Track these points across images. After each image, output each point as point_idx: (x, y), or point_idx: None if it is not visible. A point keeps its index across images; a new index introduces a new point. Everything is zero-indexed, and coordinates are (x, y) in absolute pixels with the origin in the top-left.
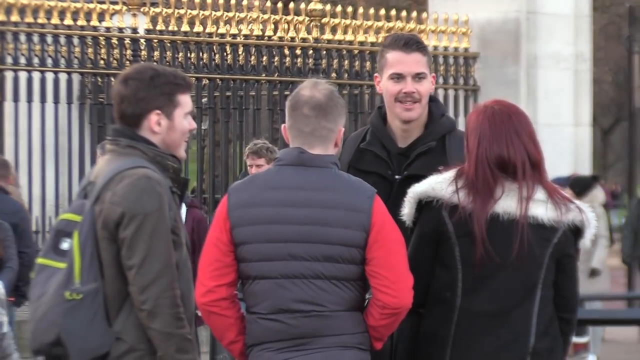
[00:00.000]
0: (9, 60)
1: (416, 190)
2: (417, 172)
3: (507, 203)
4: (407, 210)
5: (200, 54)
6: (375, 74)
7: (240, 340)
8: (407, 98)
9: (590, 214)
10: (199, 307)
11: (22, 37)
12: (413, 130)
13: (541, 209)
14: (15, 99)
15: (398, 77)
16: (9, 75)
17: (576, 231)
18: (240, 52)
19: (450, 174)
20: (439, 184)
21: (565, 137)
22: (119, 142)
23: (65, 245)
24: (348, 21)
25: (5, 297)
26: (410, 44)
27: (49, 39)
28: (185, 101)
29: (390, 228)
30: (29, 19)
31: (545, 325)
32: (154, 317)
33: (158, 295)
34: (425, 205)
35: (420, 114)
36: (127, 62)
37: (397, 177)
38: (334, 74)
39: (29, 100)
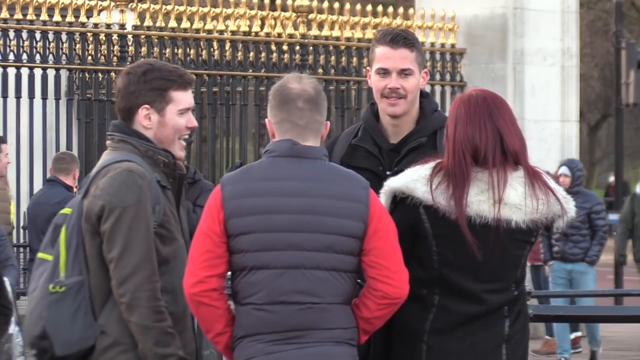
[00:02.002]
0: None
1: (391, 185)
2: (407, 167)
3: (479, 206)
4: (382, 202)
5: (188, 49)
6: (367, 68)
7: (228, 332)
8: (392, 94)
9: (570, 203)
10: (188, 297)
11: (11, 34)
12: (404, 126)
13: (517, 214)
14: (4, 95)
15: (384, 72)
16: None
17: (551, 222)
18: (227, 48)
19: (426, 171)
20: (414, 182)
21: (552, 133)
22: (114, 136)
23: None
24: (335, 17)
25: (13, 295)
26: (398, 39)
27: (38, 35)
28: (180, 98)
29: (387, 219)
30: (18, 15)
31: (517, 311)
32: (132, 310)
33: (136, 288)
34: (400, 201)
35: (406, 109)
36: (115, 58)
37: (388, 172)
38: (320, 70)
39: (18, 96)
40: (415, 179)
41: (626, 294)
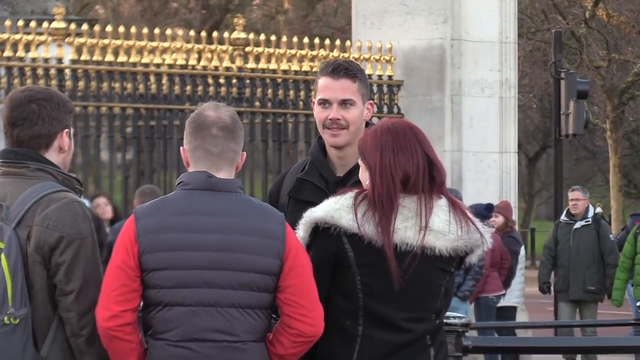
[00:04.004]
0: None
1: (313, 215)
2: None
3: (405, 233)
4: (301, 233)
5: (125, 83)
6: (312, 100)
7: None
8: (333, 124)
9: (487, 236)
10: (101, 330)
11: None
12: (349, 158)
13: (441, 241)
14: None
15: (325, 102)
16: None
17: (468, 253)
18: (164, 82)
19: (348, 200)
20: (337, 212)
21: (490, 165)
22: (27, 165)
23: None
24: (272, 50)
25: None
26: (339, 69)
27: None
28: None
29: (303, 254)
30: None
31: (440, 340)
32: (92, 344)
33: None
34: (322, 232)
35: (348, 140)
36: None
37: None
38: (257, 103)
39: None
40: (338, 208)
41: (566, 325)
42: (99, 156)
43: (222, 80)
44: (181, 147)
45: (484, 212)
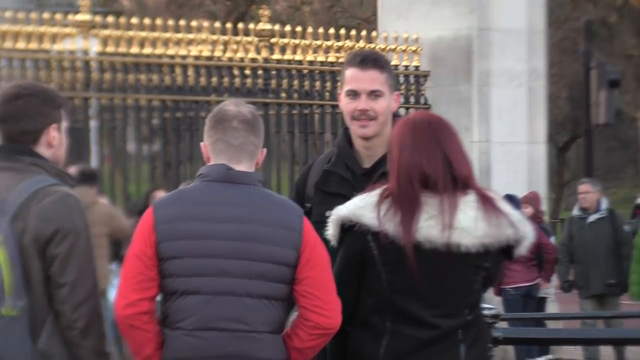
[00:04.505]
0: None
1: (339, 213)
2: None
3: (428, 231)
4: (331, 231)
5: (150, 75)
6: (339, 91)
7: (157, 356)
8: (362, 115)
9: (526, 226)
10: (118, 319)
11: None
12: (376, 149)
13: (466, 238)
14: None
15: (353, 94)
16: None
17: (508, 246)
18: (190, 73)
19: (373, 197)
20: (360, 210)
21: (519, 155)
22: (20, 159)
23: None
24: (297, 41)
25: None
26: (367, 61)
27: (3, 62)
28: (65, 115)
29: (321, 247)
30: None
31: (473, 335)
32: (86, 336)
33: (91, 313)
34: (348, 229)
35: (377, 131)
36: (78, 84)
37: None
38: (283, 94)
39: None
40: (362, 206)
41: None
42: (125, 148)
43: (247, 72)
44: (201, 143)
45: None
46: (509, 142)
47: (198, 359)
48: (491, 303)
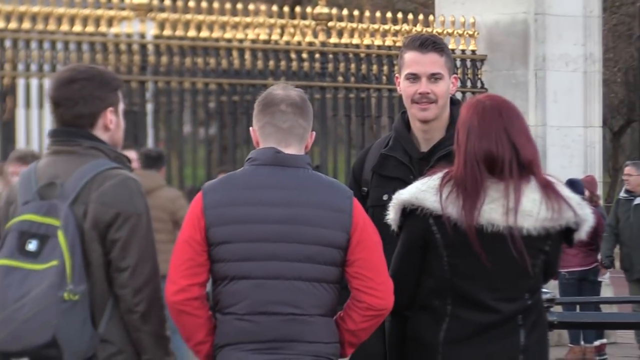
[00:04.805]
0: (21, 67)
1: (400, 197)
2: None
3: (490, 214)
4: (392, 215)
5: (207, 58)
6: (396, 75)
7: (209, 342)
8: (423, 99)
9: (586, 209)
10: (169, 305)
11: (33, 44)
12: (434, 133)
13: (528, 220)
14: (27, 105)
15: (413, 77)
16: (20, 82)
17: (568, 231)
18: (246, 57)
19: (435, 181)
20: (422, 193)
21: (575, 139)
22: (79, 143)
23: (31, 246)
24: (354, 24)
25: None
26: (427, 44)
27: (59, 45)
28: (121, 99)
29: (372, 229)
30: (40, 26)
31: (533, 321)
32: (147, 320)
33: (151, 297)
34: (410, 213)
35: (437, 114)
36: (135, 68)
37: None
38: (340, 78)
39: (40, 106)
40: (424, 190)
41: None
42: (181, 131)
43: (304, 56)
44: (250, 128)
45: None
46: (564, 127)
47: (250, 343)
48: (547, 287)
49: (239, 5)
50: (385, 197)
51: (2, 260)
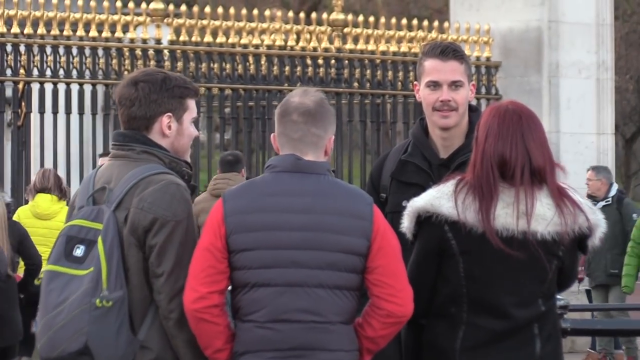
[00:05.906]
0: (35, 72)
1: (415, 205)
2: None
3: (505, 219)
4: (406, 223)
5: (223, 64)
6: (415, 82)
7: (227, 349)
8: (444, 106)
9: (598, 214)
10: (188, 313)
11: (48, 49)
12: (454, 140)
13: (542, 225)
14: (41, 110)
15: (434, 85)
16: (35, 87)
17: (582, 236)
18: (262, 62)
19: (450, 187)
20: (437, 200)
21: (587, 146)
22: (133, 147)
23: (78, 252)
24: (370, 31)
25: None
26: (447, 51)
27: (74, 50)
28: (193, 106)
29: (392, 235)
30: (55, 31)
31: (549, 331)
32: (181, 326)
33: None
34: (425, 220)
35: (458, 122)
36: None
37: None
38: (356, 84)
39: (54, 111)
40: (439, 197)
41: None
42: (197, 136)
43: (320, 61)
44: (272, 135)
45: None
46: (577, 133)
47: (270, 351)
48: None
49: (255, 11)
50: (404, 203)
51: (49, 265)
